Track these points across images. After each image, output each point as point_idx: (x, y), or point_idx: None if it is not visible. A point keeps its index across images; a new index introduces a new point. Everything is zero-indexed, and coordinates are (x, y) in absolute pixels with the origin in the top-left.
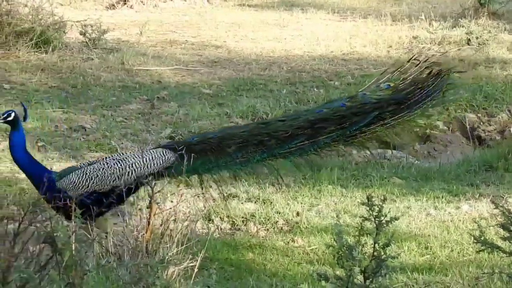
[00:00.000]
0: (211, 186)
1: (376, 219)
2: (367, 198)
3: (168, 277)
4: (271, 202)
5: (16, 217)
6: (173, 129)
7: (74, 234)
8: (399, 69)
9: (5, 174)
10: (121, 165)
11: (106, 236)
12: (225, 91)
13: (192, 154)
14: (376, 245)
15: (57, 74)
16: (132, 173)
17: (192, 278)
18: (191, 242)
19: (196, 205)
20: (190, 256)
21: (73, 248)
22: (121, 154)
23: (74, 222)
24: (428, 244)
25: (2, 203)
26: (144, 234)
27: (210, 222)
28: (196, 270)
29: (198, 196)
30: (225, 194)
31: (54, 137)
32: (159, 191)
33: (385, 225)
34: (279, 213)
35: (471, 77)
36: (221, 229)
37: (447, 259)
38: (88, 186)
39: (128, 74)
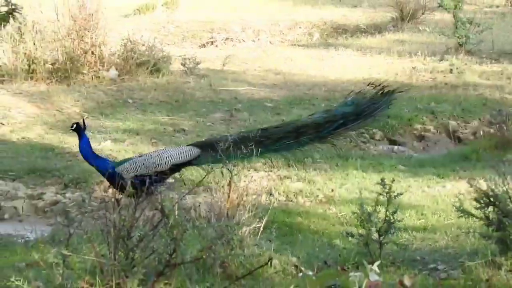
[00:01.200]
0: (271, 170)
1: (387, 194)
2: (381, 179)
3: (242, 234)
4: (314, 182)
5: None
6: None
7: (177, 203)
8: (361, 91)
9: None
10: (160, 156)
11: (199, 205)
12: (281, 105)
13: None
14: (387, 212)
15: (165, 92)
16: (168, 163)
17: (259, 235)
18: (258, 209)
19: (261, 183)
20: (257, 220)
21: (176, 213)
22: (163, 149)
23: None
24: (423, 212)
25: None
26: (225, 204)
27: (271, 195)
28: (261, 229)
29: (262, 177)
30: (281, 176)
31: (163, 136)
32: (236, 174)
33: (393, 199)
34: (319, 189)
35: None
36: (279, 200)
37: (437, 222)
38: (136, 171)
39: (214, 92)
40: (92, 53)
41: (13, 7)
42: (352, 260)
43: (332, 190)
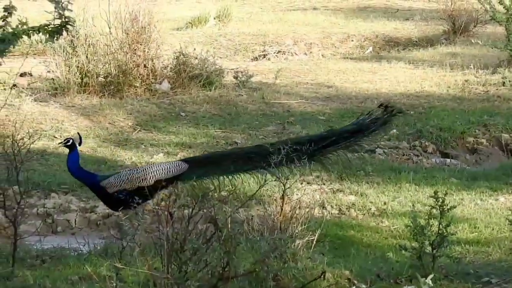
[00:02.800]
0: (324, 184)
1: (440, 207)
2: (434, 192)
3: (295, 247)
4: (366, 195)
5: (189, 204)
6: None
7: (230, 217)
8: (370, 112)
9: None
10: (145, 171)
11: (252, 218)
12: (334, 118)
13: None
14: (440, 225)
15: (218, 106)
16: (152, 178)
17: (311, 248)
18: (310, 223)
19: (314, 196)
20: (310, 233)
21: (229, 226)
22: (149, 164)
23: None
24: (476, 225)
25: (180, 195)
26: (278, 217)
27: (324, 208)
28: (314, 242)
29: (315, 191)
30: (334, 189)
31: (216, 149)
32: (289, 187)
33: (446, 212)
34: (372, 203)
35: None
36: (331, 214)
37: (490, 236)
38: (120, 185)
39: (267, 105)
40: (145, 66)
41: (66, 20)
42: (405, 273)
43: (385, 203)
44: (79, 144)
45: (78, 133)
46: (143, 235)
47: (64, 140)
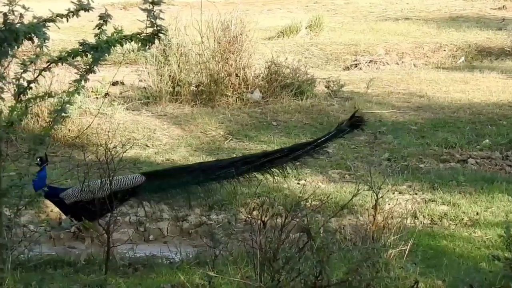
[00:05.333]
0: (416, 193)
1: None
2: None
3: (387, 256)
4: (459, 205)
5: (282, 214)
6: (389, 154)
7: (322, 226)
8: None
9: (274, 184)
10: (100, 183)
11: (344, 228)
12: (426, 128)
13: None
14: None
15: (309, 115)
16: (107, 190)
17: (404, 258)
18: (403, 232)
19: (406, 206)
20: (403, 243)
21: (322, 236)
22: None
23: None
24: None
25: (272, 204)
26: (371, 226)
27: (416, 218)
28: (406, 252)
29: (407, 200)
30: (426, 199)
31: (306, 159)
32: (381, 197)
33: None
34: (464, 213)
35: None
36: (423, 223)
37: None
38: (76, 197)
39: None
40: (236, 75)
41: (158, 28)
42: (499, 283)
43: (477, 213)
44: (46, 163)
45: (45, 153)
46: (235, 243)
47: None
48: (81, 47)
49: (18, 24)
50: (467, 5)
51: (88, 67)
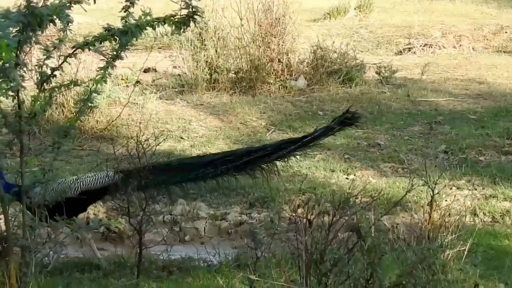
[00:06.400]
0: (475, 189)
1: None
2: None
3: (444, 257)
4: None
5: (329, 211)
6: (446, 146)
7: (373, 225)
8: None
9: (321, 179)
10: (71, 182)
11: (397, 226)
12: (486, 117)
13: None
14: None
15: (358, 104)
16: (78, 189)
17: (463, 259)
18: (461, 231)
19: (465, 203)
20: (461, 242)
21: (373, 235)
22: (79, 176)
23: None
24: None
25: (319, 201)
26: (426, 225)
27: (476, 216)
28: (465, 252)
29: (466, 196)
30: (486, 195)
31: (357, 151)
32: (438, 193)
33: None
34: None
35: None
36: (484, 221)
37: None
38: (44, 196)
39: (412, 104)
40: (279, 61)
41: (194, 10)
42: None
43: None
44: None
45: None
46: (278, 244)
47: None
48: (108, 32)
49: (42, 8)
50: None
51: (115, 53)
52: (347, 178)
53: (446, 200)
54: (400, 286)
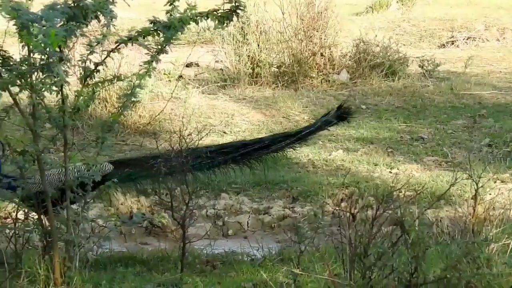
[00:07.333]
0: None
1: None
2: None
3: (489, 251)
4: None
5: (373, 205)
6: (490, 139)
7: (417, 218)
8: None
9: (364, 173)
10: (60, 173)
11: (441, 220)
12: None
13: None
14: None
15: (401, 97)
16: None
17: (508, 252)
18: (506, 225)
19: (510, 196)
20: (506, 236)
21: (417, 229)
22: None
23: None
24: None
25: (362, 194)
26: (470, 218)
27: None
28: (510, 246)
29: (511, 190)
30: None
31: (400, 145)
32: (482, 186)
33: None
34: None
35: None
36: None
37: None
38: (39, 186)
39: (456, 97)
40: (322, 55)
41: (236, 4)
42: None
43: None
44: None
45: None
46: (322, 238)
47: None
48: (152, 26)
49: (87, 1)
50: None
51: (159, 47)
52: (390, 172)
53: (490, 194)
54: (444, 280)
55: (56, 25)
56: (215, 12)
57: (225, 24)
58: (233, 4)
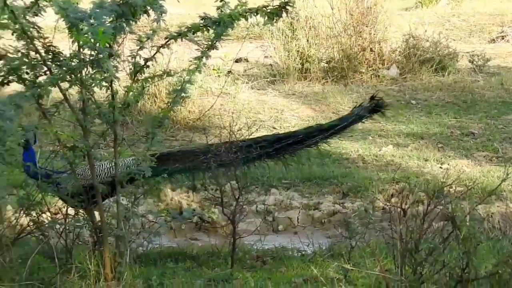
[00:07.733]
0: None
1: None
2: None
3: None
4: None
5: (424, 201)
6: None
7: (468, 214)
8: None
9: (414, 169)
10: (99, 168)
11: (492, 215)
12: None
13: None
14: None
15: (452, 92)
16: (107, 175)
17: None
18: None
19: None
20: None
21: (468, 224)
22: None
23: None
24: None
25: (413, 190)
26: None
27: None
28: None
29: None
30: None
31: (450, 140)
32: None
33: None
34: None
35: None
36: None
37: None
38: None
39: (506, 92)
40: (371, 50)
41: (286, 0)
42: None
43: None
44: (34, 142)
45: (33, 131)
46: (372, 234)
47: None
48: (202, 22)
49: None
50: None
51: (209, 43)
52: (440, 167)
53: None
54: (496, 276)
55: (105, 23)
56: (264, 9)
57: (274, 20)
58: (283, 0)
